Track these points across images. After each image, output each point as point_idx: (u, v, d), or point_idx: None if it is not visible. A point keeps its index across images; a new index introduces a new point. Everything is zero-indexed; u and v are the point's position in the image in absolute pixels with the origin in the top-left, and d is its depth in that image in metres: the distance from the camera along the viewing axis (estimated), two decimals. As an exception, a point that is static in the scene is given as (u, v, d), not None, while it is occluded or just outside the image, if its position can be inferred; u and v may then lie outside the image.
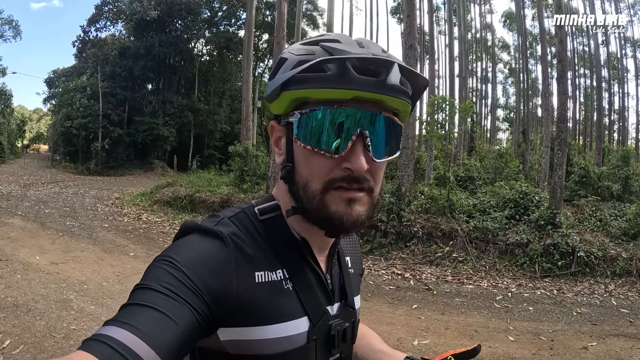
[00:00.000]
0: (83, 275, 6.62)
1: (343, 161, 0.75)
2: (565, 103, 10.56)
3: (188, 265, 0.72)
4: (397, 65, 0.74)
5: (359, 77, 0.72)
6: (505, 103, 51.42)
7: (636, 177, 14.63)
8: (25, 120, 65.47)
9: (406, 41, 10.39)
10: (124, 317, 0.63)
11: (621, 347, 4.96)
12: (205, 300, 0.70)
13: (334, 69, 0.73)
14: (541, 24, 20.82)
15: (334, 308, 0.89)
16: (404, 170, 9.78)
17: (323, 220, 0.79)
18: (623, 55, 36.48)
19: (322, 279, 0.88)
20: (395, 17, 42.09)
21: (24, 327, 4.62)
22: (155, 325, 0.63)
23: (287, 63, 0.79)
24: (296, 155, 0.80)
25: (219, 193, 13.34)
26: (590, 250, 7.90)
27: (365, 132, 0.75)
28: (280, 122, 0.84)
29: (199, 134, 34.80)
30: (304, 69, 0.74)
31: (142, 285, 0.69)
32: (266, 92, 0.84)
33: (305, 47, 0.80)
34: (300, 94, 0.76)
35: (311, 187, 0.77)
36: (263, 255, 0.81)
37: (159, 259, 0.74)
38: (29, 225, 10.20)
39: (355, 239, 1.10)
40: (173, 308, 0.66)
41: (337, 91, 0.73)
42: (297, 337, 0.80)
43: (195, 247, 0.77)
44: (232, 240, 0.79)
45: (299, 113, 0.77)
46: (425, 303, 6.39)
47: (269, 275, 0.80)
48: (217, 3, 36.49)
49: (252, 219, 0.85)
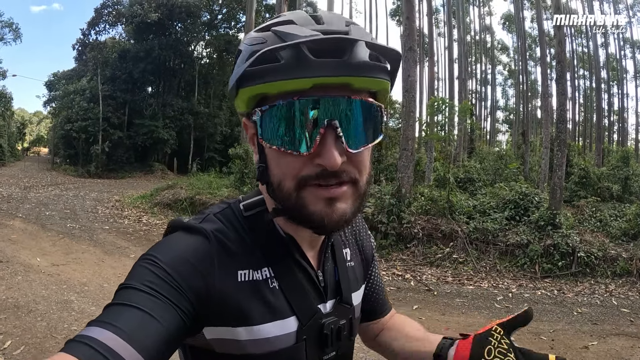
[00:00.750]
0: (84, 277, 6.63)
1: (315, 157, 0.68)
2: (565, 104, 10.58)
3: (170, 264, 0.70)
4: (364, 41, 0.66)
5: (317, 61, 0.64)
6: (505, 105, 51.55)
7: (636, 177, 14.67)
8: (26, 123, 65.54)
9: (405, 43, 10.41)
10: (107, 318, 0.62)
11: (622, 346, 4.96)
12: (188, 298, 0.69)
13: (287, 56, 0.64)
14: (540, 25, 20.90)
15: (327, 306, 0.85)
16: (404, 171, 9.79)
17: (304, 220, 0.73)
18: (622, 56, 36.60)
19: (313, 276, 0.84)
20: (395, 19, 42.24)
21: (25, 328, 4.63)
22: (139, 325, 0.61)
23: (242, 55, 0.73)
24: (267, 156, 0.74)
25: (220, 195, 13.33)
26: (591, 251, 7.91)
27: (334, 122, 0.67)
28: (251, 119, 0.75)
29: (199, 137, 34.83)
30: (253, 61, 0.68)
31: (126, 285, 0.67)
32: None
33: (258, 34, 0.73)
34: (257, 90, 0.69)
35: (285, 186, 0.71)
36: (248, 253, 0.78)
37: (142, 257, 0.72)
38: (30, 227, 10.21)
39: (360, 223, 1.04)
40: (156, 307, 0.64)
41: (293, 82, 0.65)
42: (285, 337, 0.78)
43: (178, 245, 0.75)
44: (216, 238, 0.76)
45: (260, 110, 0.70)
46: (426, 304, 6.40)
47: (253, 274, 0.77)
48: (217, 6, 36.60)
49: (237, 215, 0.82)
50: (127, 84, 32.34)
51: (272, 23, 0.73)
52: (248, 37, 0.74)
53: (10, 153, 37.81)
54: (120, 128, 31.36)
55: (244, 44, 0.74)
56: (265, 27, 0.74)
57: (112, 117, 30.69)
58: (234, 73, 0.74)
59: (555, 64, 12.53)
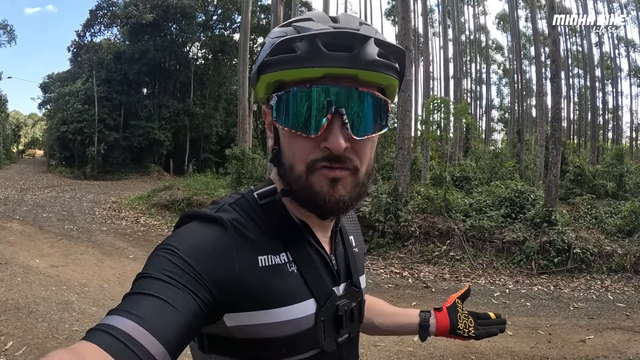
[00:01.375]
0: (83, 278, 6.63)
1: (321, 141, 0.75)
2: (559, 102, 10.66)
3: (189, 253, 0.71)
4: (374, 39, 0.73)
5: (328, 54, 0.71)
6: (500, 104, 51.72)
7: (630, 174, 14.74)
8: (21, 125, 65.09)
9: (401, 43, 10.45)
10: (127, 306, 0.63)
11: (618, 339, 5.03)
12: (207, 287, 0.70)
13: (302, 47, 0.72)
14: (534, 24, 20.97)
15: (340, 288, 0.89)
16: (401, 170, 9.83)
17: (308, 201, 0.79)
18: (617, 54, 36.79)
19: (327, 259, 0.88)
20: (390, 19, 42.26)
21: (26, 329, 4.63)
22: (158, 314, 0.62)
23: (264, 47, 0.80)
24: (281, 138, 0.81)
25: (217, 196, 13.31)
26: (586, 247, 7.99)
27: (341, 109, 0.74)
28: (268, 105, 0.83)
29: (195, 138, 34.79)
30: (272, 50, 0.76)
31: (144, 274, 0.69)
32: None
33: (280, 29, 0.80)
34: (275, 76, 0.76)
35: (296, 169, 0.78)
36: (265, 239, 0.81)
37: (160, 247, 0.74)
38: (28, 229, 10.19)
39: (354, 217, 1.11)
40: (175, 296, 0.65)
41: (307, 70, 0.72)
42: (305, 319, 0.80)
43: (195, 235, 0.76)
44: (233, 226, 0.79)
45: (276, 96, 0.77)
46: (424, 300, 6.45)
47: (273, 259, 0.80)
48: (212, 7, 36.55)
49: (252, 204, 0.85)
50: (123, 86, 32.26)
51: (293, 20, 0.80)
52: (272, 32, 0.82)
53: (6, 155, 37.68)
54: (116, 129, 31.28)
55: (267, 38, 0.81)
56: (287, 23, 0.81)
57: (108, 119, 30.61)
58: (256, 62, 0.81)
59: (549, 62, 12.61)
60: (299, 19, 0.79)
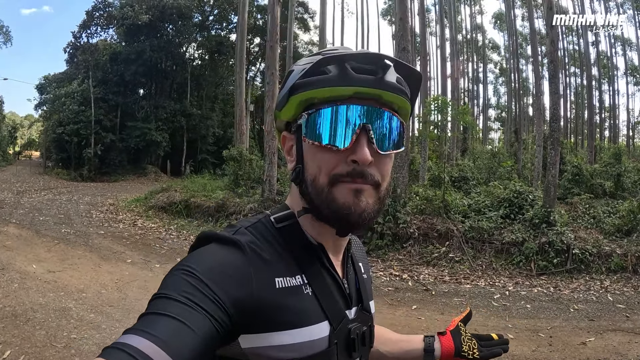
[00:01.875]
0: (81, 283, 6.59)
1: (349, 154, 0.79)
2: (558, 103, 10.65)
3: (207, 274, 0.72)
4: (393, 67, 0.81)
5: (357, 76, 0.78)
6: (497, 103, 51.68)
7: (628, 174, 14.76)
8: (17, 126, 64.89)
9: (399, 43, 10.45)
10: (143, 326, 0.64)
11: (619, 341, 5.02)
12: (225, 308, 0.71)
13: (334, 70, 0.79)
14: (532, 24, 21.02)
15: (352, 312, 0.90)
16: (399, 171, 9.82)
17: (332, 213, 0.81)
18: (613, 53, 36.87)
19: (340, 283, 0.90)
20: (386, 19, 42.31)
21: (24, 337, 4.60)
22: (174, 334, 0.63)
23: (293, 74, 0.86)
24: (305, 155, 0.84)
25: (214, 198, 13.30)
26: (585, 248, 7.99)
27: (367, 125, 0.79)
28: (290, 130, 0.89)
29: (191, 139, 34.68)
30: (306, 72, 0.82)
31: (161, 294, 0.70)
32: (276, 102, 0.90)
33: (308, 58, 0.87)
34: (306, 95, 0.81)
35: (319, 181, 0.81)
36: (282, 261, 0.83)
37: (177, 268, 0.75)
38: (24, 233, 10.14)
39: (362, 246, 1.14)
40: (192, 317, 0.66)
41: (338, 89, 0.79)
42: (319, 342, 0.81)
43: (214, 256, 0.77)
44: (251, 249, 0.80)
45: (306, 114, 0.82)
46: (425, 303, 6.43)
47: (289, 281, 0.81)
48: (208, 7, 36.47)
49: (269, 228, 0.87)
50: (119, 87, 32.09)
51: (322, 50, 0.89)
52: (300, 60, 0.89)
53: (2, 157, 37.53)
54: (113, 131, 31.11)
55: (296, 65, 0.89)
56: (316, 53, 0.89)
57: (104, 120, 30.44)
58: (285, 87, 0.87)
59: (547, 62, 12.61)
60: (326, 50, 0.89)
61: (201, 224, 12.20)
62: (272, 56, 12.64)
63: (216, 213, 12.44)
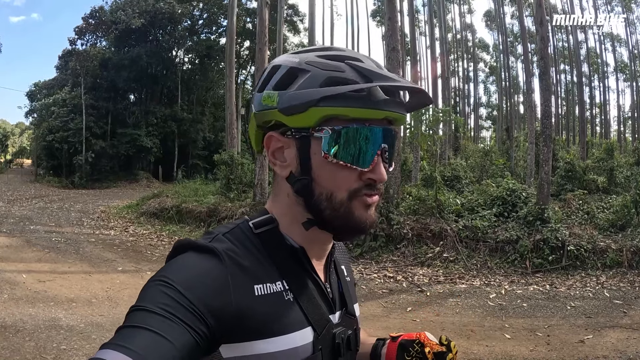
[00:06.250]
0: (71, 293, 6.48)
1: (367, 173, 0.80)
2: (549, 100, 10.66)
3: (184, 285, 0.70)
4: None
5: (387, 99, 0.79)
6: (488, 101, 51.92)
7: (620, 169, 14.83)
8: (8, 134, 64.52)
9: (389, 44, 10.42)
10: (120, 340, 0.62)
11: (617, 338, 4.99)
12: (204, 318, 0.69)
13: (369, 90, 0.78)
14: (522, 22, 21.07)
15: (336, 316, 0.89)
16: (392, 172, 9.76)
17: (346, 226, 0.82)
18: (603, 50, 37.14)
19: (322, 287, 0.88)
20: (375, 20, 42.29)
21: (13, 349, 4.50)
22: (152, 348, 0.61)
23: (310, 78, 0.78)
24: (317, 169, 0.81)
25: (206, 203, 13.22)
26: (580, 244, 7.97)
27: (384, 146, 0.81)
28: (286, 133, 0.82)
29: (183, 144, 34.59)
30: (330, 80, 0.77)
31: (138, 307, 0.68)
32: (280, 103, 0.80)
33: (328, 62, 0.80)
34: (337, 111, 0.77)
35: (337, 197, 0.80)
36: (261, 268, 0.80)
37: (154, 279, 0.72)
38: (15, 242, 10.01)
39: (344, 249, 1.11)
40: (169, 329, 0.64)
41: (372, 111, 0.78)
42: (303, 348, 0.79)
43: (190, 266, 0.75)
44: (228, 256, 0.77)
45: (330, 129, 0.78)
46: (419, 305, 6.38)
47: (270, 287, 0.79)
48: (198, 11, 36.41)
49: (247, 233, 0.84)
50: (109, 93, 31.98)
51: (343, 55, 0.82)
52: (315, 61, 0.80)
53: (-8, 166, 37.19)
54: (103, 137, 30.99)
55: (311, 67, 0.80)
56: (336, 56, 0.82)
57: (95, 127, 30.30)
58: (306, 92, 0.78)
59: (537, 60, 12.62)
60: (349, 57, 0.82)
61: (193, 229, 12.11)
62: (261, 59, 12.57)
63: (208, 218, 12.35)
